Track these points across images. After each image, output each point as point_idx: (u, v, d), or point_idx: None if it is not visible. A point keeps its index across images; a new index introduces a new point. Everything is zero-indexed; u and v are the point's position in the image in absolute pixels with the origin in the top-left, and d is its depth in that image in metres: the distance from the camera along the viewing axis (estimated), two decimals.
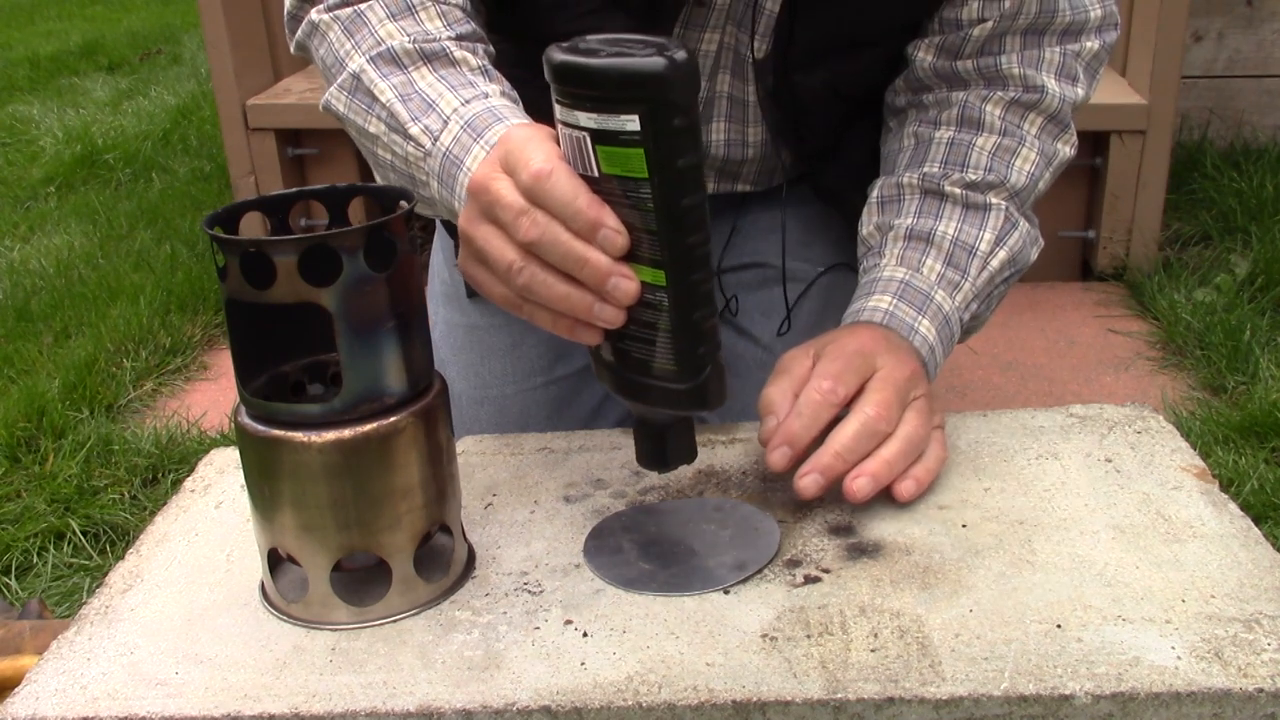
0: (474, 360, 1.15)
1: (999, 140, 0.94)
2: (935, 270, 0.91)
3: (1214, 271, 2.27)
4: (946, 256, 0.92)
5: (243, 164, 2.54)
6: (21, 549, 1.62)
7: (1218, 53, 2.76)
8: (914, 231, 0.93)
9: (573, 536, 0.78)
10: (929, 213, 0.93)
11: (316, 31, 0.89)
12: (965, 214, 0.93)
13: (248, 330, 0.70)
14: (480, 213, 0.68)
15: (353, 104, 0.86)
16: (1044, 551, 0.74)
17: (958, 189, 0.93)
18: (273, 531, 0.70)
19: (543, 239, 0.64)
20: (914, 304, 0.89)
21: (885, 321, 0.88)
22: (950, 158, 0.95)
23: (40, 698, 0.66)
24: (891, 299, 0.89)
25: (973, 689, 0.62)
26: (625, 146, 0.57)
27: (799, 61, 0.98)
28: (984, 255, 0.92)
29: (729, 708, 0.62)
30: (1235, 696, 0.61)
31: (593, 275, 0.63)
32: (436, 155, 0.80)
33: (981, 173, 0.94)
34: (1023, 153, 0.95)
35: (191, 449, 1.87)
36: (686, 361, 0.64)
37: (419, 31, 0.86)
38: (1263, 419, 1.75)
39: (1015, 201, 0.95)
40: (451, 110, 0.80)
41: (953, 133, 0.96)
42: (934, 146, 0.96)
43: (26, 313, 2.39)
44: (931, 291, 0.90)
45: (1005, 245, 0.94)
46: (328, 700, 0.64)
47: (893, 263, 0.92)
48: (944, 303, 0.90)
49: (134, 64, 4.86)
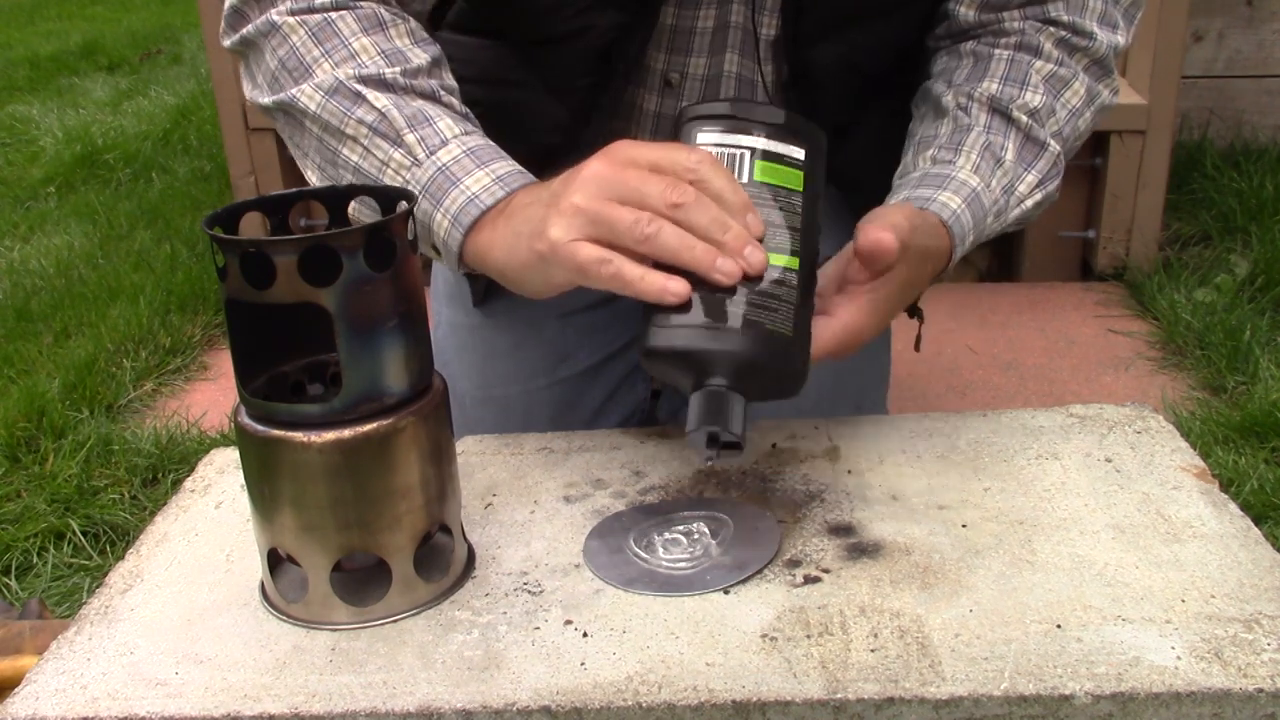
0: (477, 360, 1.15)
1: (1054, 69, 0.96)
2: (995, 193, 0.93)
3: (1214, 271, 2.27)
4: (1006, 185, 0.93)
5: (243, 164, 2.54)
6: (21, 549, 1.62)
7: (1218, 53, 2.76)
8: (990, 146, 0.94)
9: (573, 536, 0.78)
10: (999, 131, 0.94)
11: (276, 32, 0.90)
12: (1024, 145, 0.94)
13: (248, 330, 0.70)
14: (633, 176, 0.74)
15: (330, 104, 0.87)
16: (1044, 551, 0.74)
17: (1023, 116, 0.94)
18: (273, 531, 0.70)
19: (696, 203, 0.72)
20: (975, 216, 0.91)
21: (950, 222, 0.88)
22: (1011, 74, 0.96)
23: (40, 698, 0.66)
24: (962, 203, 0.90)
25: (973, 689, 0.62)
26: (788, 167, 0.76)
27: (811, 37, 0.98)
28: (1021, 196, 0.94)
29: (729, 708, 0.62)
30: (1235, 696, 0.61)
31: (737, 238, 0.72)
32: (430, 168, 0.84)
33: (1041, 97, 0.95)
34: (1074, 86, 0.96)
35: (191, 449, 1.87)
36: (801, 330, 0.76)
37: (393, 50, 0.89)
38: (1263, 419, 1.75)
39: (1060, 140, 0.96)
40: (453, 135, 0.86)
41: (1012, 52, 0.97)
42: (995, 62, 0.97)
43: (26, 313, 2.39)
44: (988, 213, 0.92)
45: (1044, 189, 0.95)
46: (328, 700, 0.64)
47: (969, 168, 0.92)
48: (989, 225, 0.93)
49: (134, 64, 4.86)
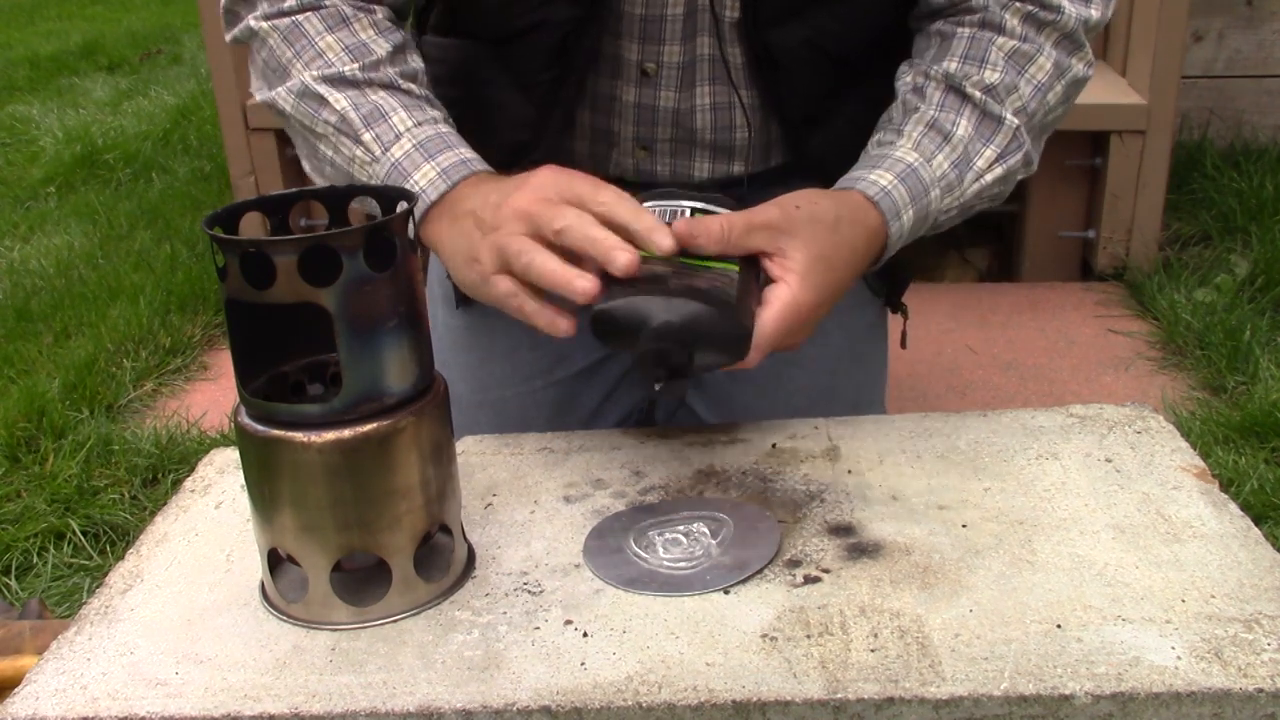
0: (473, 363, 1.15)
1: (1017, 45, 0.96)
2: (943, 168, 0.94)
3: (1214, 271, 2.27)
4: (955, 160, 0.94)
5: (243, 164, 2.54)
6: (21, 549, 1.62)
7: (1218, 53, 2.76)
8: (936, 123, 0.95)
9: (573, 536, 0.78)
10: (950, 108, 0.95)
11: (255, 37, 0.97)
12: (981, 121, 0.95)
13: (248, 330, 0.70)
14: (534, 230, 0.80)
15: (300, 106, 0.94)
16: (1044, 551, 0.74)
17: (978, 92, 0.95)
18: (273, 531, 0.70)
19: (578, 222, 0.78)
20: (911, 192, 0.92)
21: (877, 198, 0.90)
22: (970, 53, 0.96)
23: (40, 698, 0.66)
24: (894, 179, 0.91)
25: (973, 689, 0.62)
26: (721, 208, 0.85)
27: (771, 18, 0.99)
28: (979, 171, 0.95)
29: (729, 708, 0.62)
30: (1235, 696, 0.61)
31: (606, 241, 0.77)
32: (385, 163, 0.90)
33: (999, 74, 0.95)
34: (1038, 61, 0.96)
35: (191, 449, 1.87)
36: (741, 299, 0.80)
37: (355, 44, 0.94)
38: (1263, 419, 1.75)
39: (1024, 115, 0.96)
40: (405, 129, 0.91)
41: (974, 30, 0.98)
42: (956, 41, 0.98)
43: (26, 313, 2.39)
44: (931, 187, 0.93)
45: (1004, 163, 0.96)
46: (328, 700, 0.64)
47: (909, 145, 0.94)
48: (935, 201, 0.93)
49: (134, 64, 4.86)
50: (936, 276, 2.48)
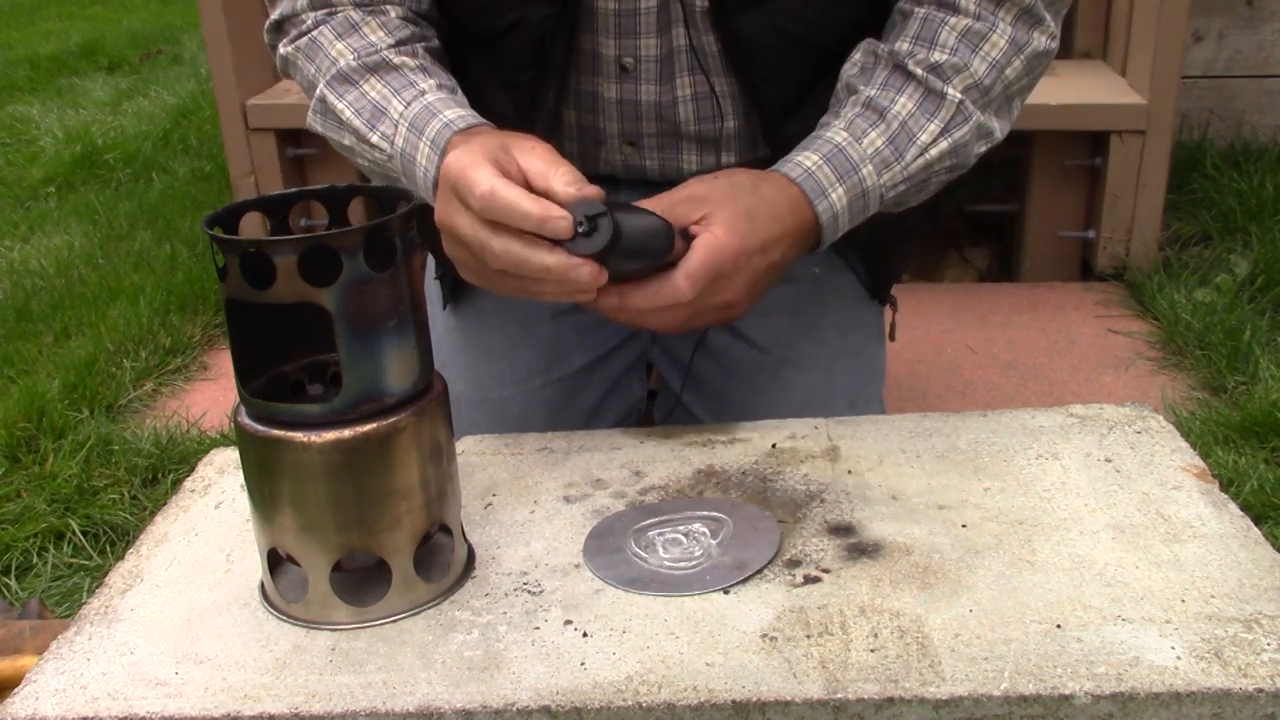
0: (471, 362, 1.15)
1: (970, 24, 0.96)
2: (875, 145, 0.94)
3: (1214, 271, 2.26)
4: (891, 135, 0.94)
5: (243, 164, 2.54)
6: (21, 549, 1.62)
7: (1218, 53, 2.76)
8: (873, 102, 0.95)
9: (573, 536, 0.78)
10: (892, 86, 0.96)
11: (289, 64, 1.03)
12: (924, 98, 0.95)
13: (248, 330, 0.70)
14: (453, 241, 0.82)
15: (326, 124, 0.99)
16: (1044, 551, 0.74)
17: (920, 70, 0.95)
18: (273, 531, 0.70)
19: (510, 262, 0.77)
20: (838, 170, 0.92)
21: (799, 179, 0.91)
22: (921, 33, 0.96)
23: (40, 698, 0.66)
24: (819, 159, 0.92)
25: (973, 689, 0.62)
26: None
27: (738, 5, 0.99)
28: (923, 145, 0.95)
29: (729, 708, 0.62)
30: (1235, 696, 0.61)
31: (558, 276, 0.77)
32: (396, 156, 0.93)
33: (948, 54, 0.95)
34: (992, 39, 0.96)
35: (191, 449, 1.87)
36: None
37: (363, 45, 0.97)
38: (1263, 419, 1.75)
39: (977, 91, 0.96)
40: (398, 115, 0.93)
41: (928, 10, 0.97)
42: (911, 21, 0.98)
43: (26, 313, 2.39)
44: (861, 164, 0.93)
45: (949, 137, 0.96)
46: (328, 700, 0.64)
47: (840, 125, 0.95)
48: (868, 177, 0.93)
49: (134, 64, 4.86)
50: (936, 276, 2.48)
